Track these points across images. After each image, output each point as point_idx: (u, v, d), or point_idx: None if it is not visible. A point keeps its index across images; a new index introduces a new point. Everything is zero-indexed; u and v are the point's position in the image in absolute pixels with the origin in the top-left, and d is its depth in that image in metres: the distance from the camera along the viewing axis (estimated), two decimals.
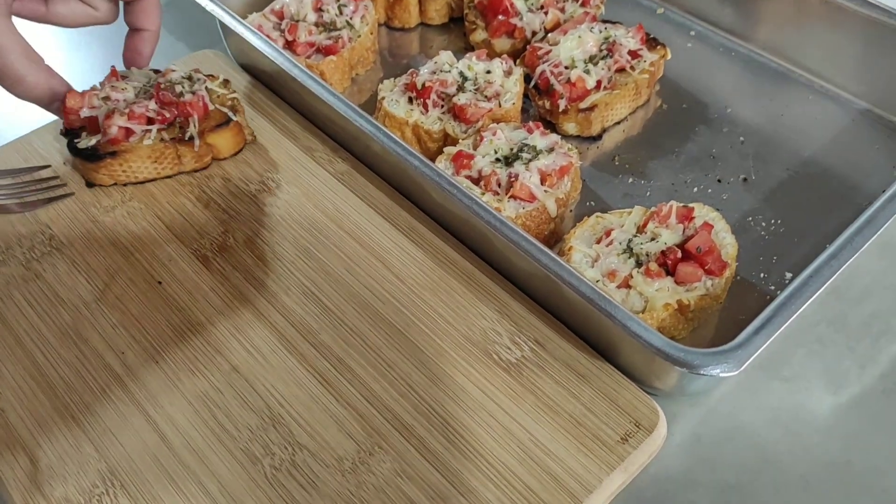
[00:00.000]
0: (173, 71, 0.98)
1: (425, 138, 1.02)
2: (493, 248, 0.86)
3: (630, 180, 1.02)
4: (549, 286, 0.81)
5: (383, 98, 1.04)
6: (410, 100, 1.03)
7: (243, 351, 0.81)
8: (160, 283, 0.87)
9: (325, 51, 1.10)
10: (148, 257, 0.89)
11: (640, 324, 0.74)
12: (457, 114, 1.00)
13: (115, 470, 0.73)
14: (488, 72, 1.04)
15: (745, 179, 1.02)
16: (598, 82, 1.04)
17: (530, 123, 0.97)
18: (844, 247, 0.80)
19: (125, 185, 0.96)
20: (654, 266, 0.83)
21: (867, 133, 1.08)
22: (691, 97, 1.13)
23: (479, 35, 1.16)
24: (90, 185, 0.96)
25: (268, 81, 1.10)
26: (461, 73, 1.04)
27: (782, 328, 0.73)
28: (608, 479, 0.72)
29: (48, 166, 0.98)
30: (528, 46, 1.09)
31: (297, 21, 1.11)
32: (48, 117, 1.05)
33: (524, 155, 0.93)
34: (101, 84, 0.96)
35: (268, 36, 1.07)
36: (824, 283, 0.76)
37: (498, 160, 0.94)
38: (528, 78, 1.06)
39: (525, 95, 1.07)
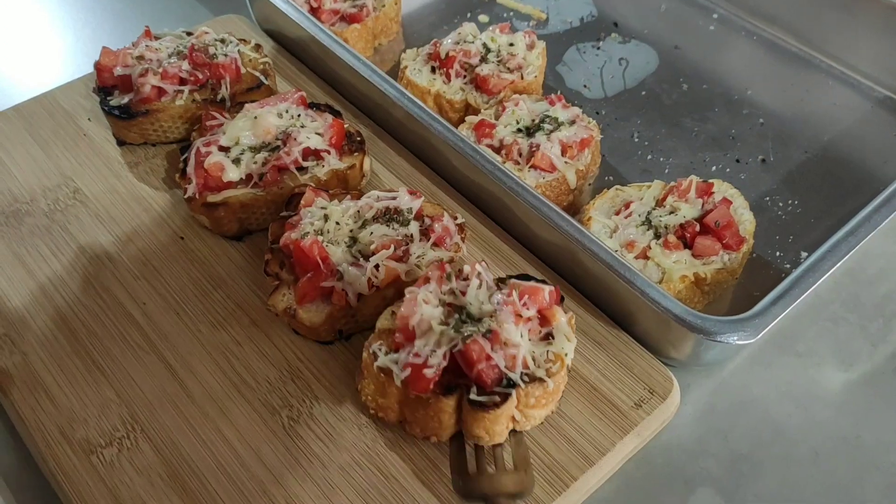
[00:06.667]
0: (206, 33, 0.98)
1: (447, 108, 1.02)
2: (511, 215, 0.87)
3: (649, 157, 1.03)
4: (566, 254, 0.82)
5: (406, 67, 1.05)
6: (433, 69, 1.04)
7: (263, 307, 0.82)
8: (182, 238, 0.88)
9: (350, 18, 1.10)
10: (170, 213, 0.90)
11: (659, 291, 0.75)
12: (479, 84, 1.01)
13: (135, 415, 0.74)
14: (511, 44, 1.05)
15: (763, 160, 1.02)
16: None
17: (552, 96, 0.98)
18: (861, 225, 0.81)
19: (155, 144, 0.97)
20: (672, 238, 0.84)
21: (886, 120, 1.08)
22: (712, 78, 1.13)
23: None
24: (121, 143, 0.97)
25: (291, 47, 1.11)
26: (484, 45, 1.04)
27: (800, 300, 0.74)
28: (621, 443, 0.73)
29: None
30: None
31: None
32: (74, 74, 1.06)
33: (546, 126, 0.94)
34: (135, 44, 0.97)
35: (293, 1, 1.07)
36: (841, 258, 0.77)
37: (519, 130, 0.94)
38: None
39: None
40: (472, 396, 0.68)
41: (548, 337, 0.73)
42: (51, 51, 1.17)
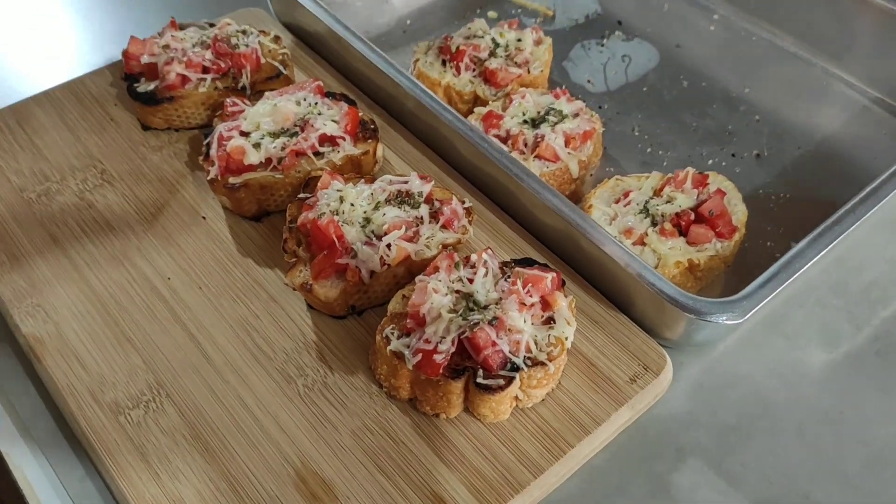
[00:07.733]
0: (229, 24, 1.03)
1: (456, 99, 1.07)
2: (516, 201, 0.91)
3: (648, 150, 1.07)
4: (568, 238, 0.87)
5: (417, 59, 1.09)
6: (444, 62, 1.08)
7: (280, 283, 0.87)
8: (204, 217, 0.93)
9: None
10: (193, 194, 0.95)
11: (654, 274, 0.79)
12: (488, 77, 1.06)
13: (161, 381, 0.78)
14: (519, 40, 1.09)
15: (758, 155, 1.07)
16: None
17: (557, 90, 1.03)
18: (847, 215, 0.85)
19: (178, 129, 1.02)
20: (668, 226, 0.88)
21: (877, 120, 1.13)
22: (711, 76, 1.18)
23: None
24: (146, 128, 1.02)
25: (308, 40, 1.15)
26: (493, 40, 1.09)
27: (786, 283, 0.78)
28: (616, 414, 0.77)
29: None
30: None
31: None
32: (101, 62, 1.10)
33: (550, 118, 0.98)
34: (161, 34, 1.02)
35: None
36: (827, 245, 0.82)
37: (525, 122, 0.99)
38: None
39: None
40: (479, 380, 0.73)
41: (549, 321, 0.78)
42: (80, 39, 1.21)
